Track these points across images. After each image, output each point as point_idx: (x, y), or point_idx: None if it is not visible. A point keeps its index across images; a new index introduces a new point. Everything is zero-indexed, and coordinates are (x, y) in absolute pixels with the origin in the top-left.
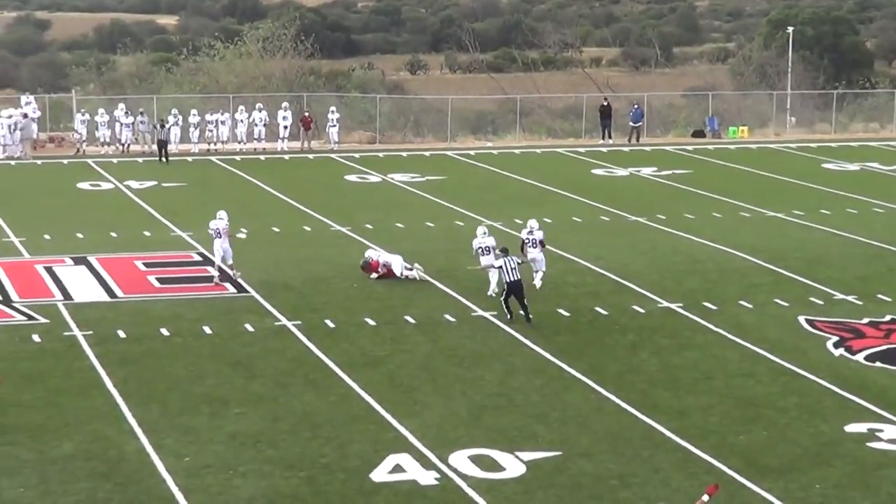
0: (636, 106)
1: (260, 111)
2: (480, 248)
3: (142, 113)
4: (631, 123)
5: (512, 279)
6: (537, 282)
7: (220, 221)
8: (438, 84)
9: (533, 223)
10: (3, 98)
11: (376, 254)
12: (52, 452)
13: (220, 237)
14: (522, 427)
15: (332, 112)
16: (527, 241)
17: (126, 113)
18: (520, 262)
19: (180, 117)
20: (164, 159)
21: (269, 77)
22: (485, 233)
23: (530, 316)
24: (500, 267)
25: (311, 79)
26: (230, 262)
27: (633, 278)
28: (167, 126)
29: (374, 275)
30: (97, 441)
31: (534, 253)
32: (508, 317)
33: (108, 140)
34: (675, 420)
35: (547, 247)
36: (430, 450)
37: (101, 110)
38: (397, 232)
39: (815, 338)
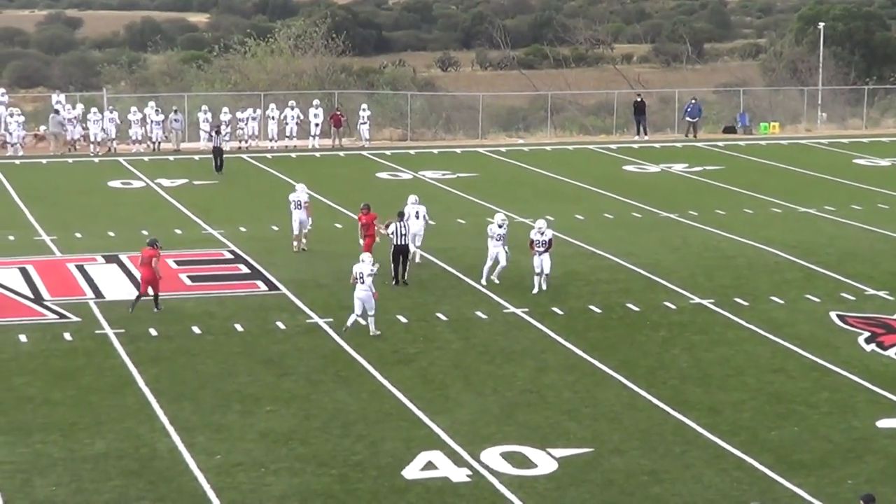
0: (693, 101)
1: (293, 109)
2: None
3: (175, 111)
4: (687, 119)
5: (400, 243)
6: (542, 285)
7: (302, 193)
8: (469, 81)
9: (542, 223)
10: (34, 96)
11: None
12: (84, 451)
13: (300, 208)
14: (554, 424)
15: (364, 109)
16: (535, 241)
17: (157, 111)
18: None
19: (210, 114)
20: (219, 168)
21: (301, 74)
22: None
23: (406, 280)
24: (393, 232)
25: (342, 76)
26: (305, 230)
27: (665, 274)
28: (223, 133)
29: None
30: (129, 439)
31: (541, 256)
32: (394, 282)
33: (139, 138)
34: (707, 416)
35: (578, 243)
36: (462, 447)
37: (133, 108)
38: (429, 229)
39: (847, 333)
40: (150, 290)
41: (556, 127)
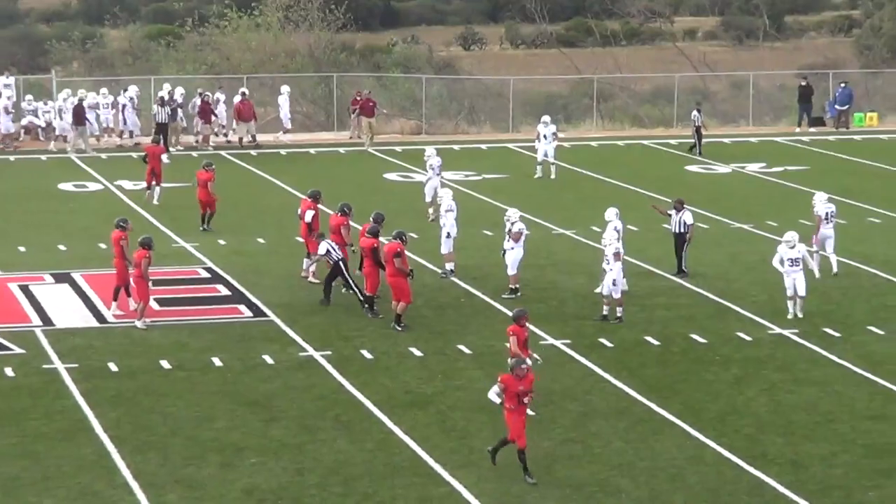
0: (843, 85)
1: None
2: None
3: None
4: (838, 107)
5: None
6: (797, 312)
7: (435, 158)
8: (498, 62)
9: (793, 235)
10: None
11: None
12: None
13: (438, 174)
14: (603, 481)
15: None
16: (785, 258)
17: (132, 98)
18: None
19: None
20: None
21: (292, 54)
22: None
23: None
24: (327, 251)
25: (342, 55)
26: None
27: (738, 298)
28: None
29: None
30: (84, 497)
31: (793, 276)
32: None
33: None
34: (790, 472)
35: (632, 260)
36: None
37: (103, 90)
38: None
39: None
40: None
41: (604, 118)
